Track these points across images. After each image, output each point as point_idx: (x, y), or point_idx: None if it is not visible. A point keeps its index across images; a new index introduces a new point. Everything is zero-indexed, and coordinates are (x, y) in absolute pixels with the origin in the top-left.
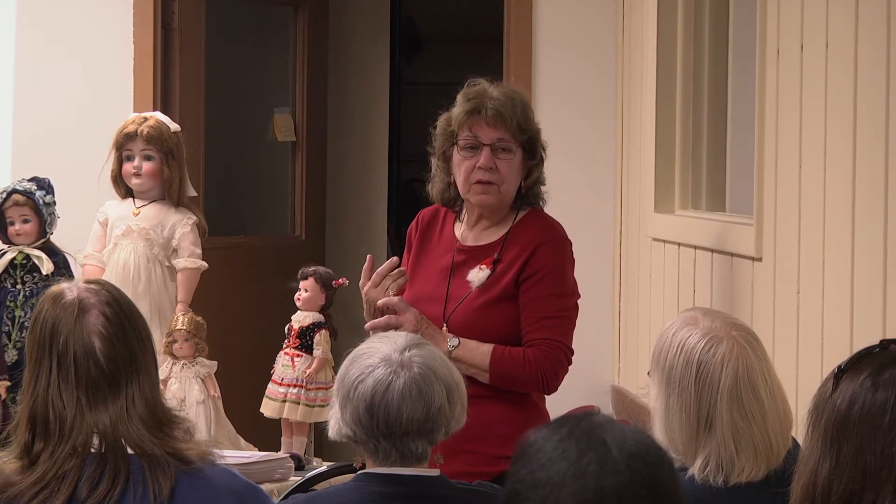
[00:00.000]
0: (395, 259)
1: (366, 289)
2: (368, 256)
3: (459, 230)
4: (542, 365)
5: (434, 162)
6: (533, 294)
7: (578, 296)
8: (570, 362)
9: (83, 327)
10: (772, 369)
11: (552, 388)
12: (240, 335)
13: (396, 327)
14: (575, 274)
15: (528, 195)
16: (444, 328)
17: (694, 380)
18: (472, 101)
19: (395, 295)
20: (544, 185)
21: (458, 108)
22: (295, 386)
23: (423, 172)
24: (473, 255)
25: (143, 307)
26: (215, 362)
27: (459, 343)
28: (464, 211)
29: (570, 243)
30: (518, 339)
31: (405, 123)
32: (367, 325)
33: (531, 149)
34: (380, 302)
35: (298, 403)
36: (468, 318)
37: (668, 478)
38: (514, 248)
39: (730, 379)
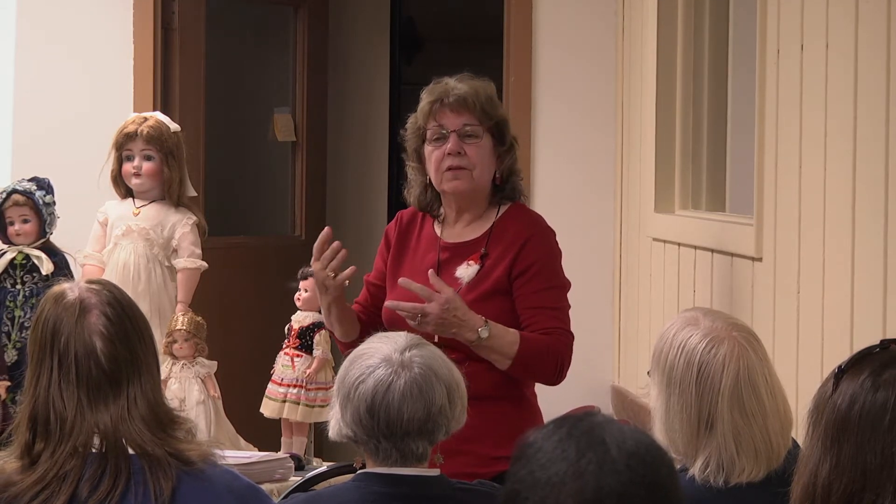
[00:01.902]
0: (328, 230)
1: (312, 263)
2: (326, 228)
3: (440, 229)
4: (560, 355)
5: (409, 165)
6: (532, 287)
7: (570, 285)
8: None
9: (84, 327)
10: (772, 370)
11: (562, 378)
12: (240, 335)
13: (423, 313)
14: (575, 273)
15: (507, 189)
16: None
17: (695, 380)
18: (435, 94)
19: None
20: (521, 177)
21: (422, 103)
22: (295, 386)
23: None
24: (458, 252)
25: (143, 307)
26: (215, 362)
27: (489, 332)
28: (441, 211)
29: (554, 233)
30: None
31: (405, 123)
32: (391, 304)
33: (500, 135)
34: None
35: (298, 403)
36: None
37: (667, 478)
38: (501, 243)
39: (731, 379)
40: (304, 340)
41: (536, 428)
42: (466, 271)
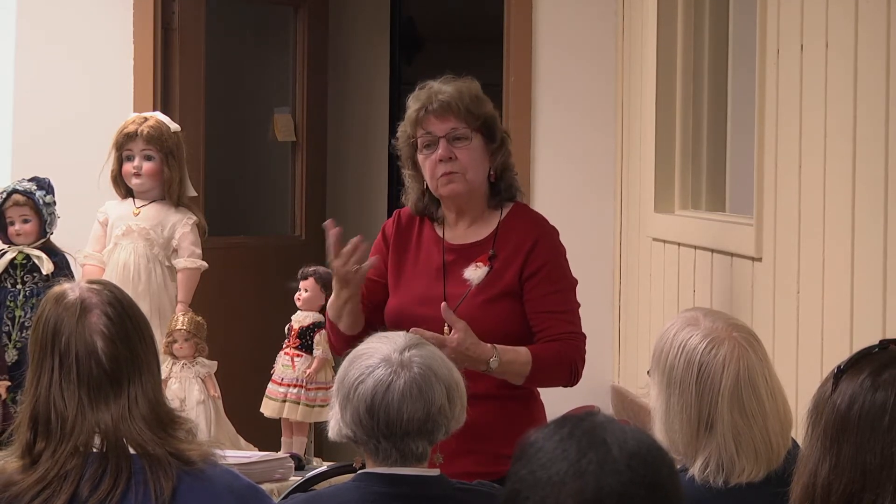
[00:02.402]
0: (336, 228)
1: (330, 260)
2: (331, 224)
3: (441, 231)
4: (573, 360)
5: (405, 173)
6: (541, 290)
7: (577, 282)
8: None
9: (85, 327)
10: (772, 370)
11: (578, 380)
12: (240, 335)
13: (442, 343)
14: (576, 273)
15: (502, 187)
16: (446, 330)
17: (695, 381)
18: (420, 100)
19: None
20: (516, 172)
21: (409, 111)
22: (295, 386)
23: None
24: (463, 254)
25: (144, 307)
26: (215, 362)
27: (500, 361)
28: (440, 214)
29: (558, 232)
30: (521, 335)
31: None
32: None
33: (489, 133)
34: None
35: (298, 403)
36: (470, 316)
37: (667, 478)
38: (509, 244)
39: (731, 380)
40: (304, 340)
41: (538, 427)
42: (475, 273)
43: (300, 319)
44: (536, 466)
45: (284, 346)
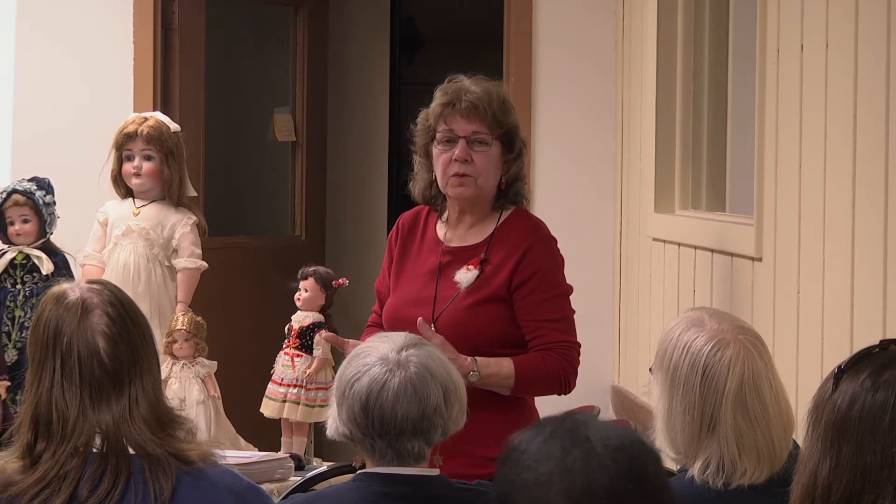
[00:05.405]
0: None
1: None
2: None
3: (442, 231)
4: (563, 369)
5: (416, 159)
6: (534, 298)
7: (572, 290)
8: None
9: (87, 327)
10: (776, 374)
11: (570, 389)
12: (240, 335)
13: None
14: (576, 274)
15: (510, 193)
16: (432, 327)
17: (699, 382)
18: (448, 95)
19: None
20: (525, 181)
21: (435, 103)
22: (295, 386)
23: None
24: (459, 256)
25: (143, 307)
26: (215, 362)
27: (479, 375)
28: (446, 210)
29: (556, 240)
30: (511, 339)
31: (405, 123)
32: None
33: (509, 143)
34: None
35: (298, 403)
36: (457, 319)
37: (654, 471)
38: (502, 249)
39: (735, 383)
40: (304, 340)
41: (520, 431)
42: (465, 276)
43: (300, 319)
44: (522, 468)
45: (284, 346)
